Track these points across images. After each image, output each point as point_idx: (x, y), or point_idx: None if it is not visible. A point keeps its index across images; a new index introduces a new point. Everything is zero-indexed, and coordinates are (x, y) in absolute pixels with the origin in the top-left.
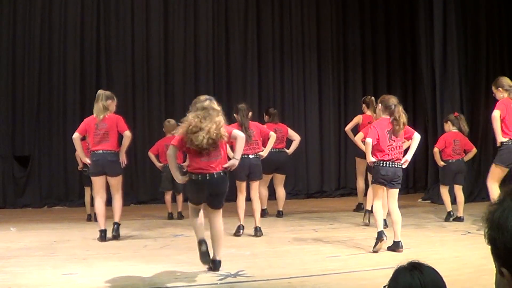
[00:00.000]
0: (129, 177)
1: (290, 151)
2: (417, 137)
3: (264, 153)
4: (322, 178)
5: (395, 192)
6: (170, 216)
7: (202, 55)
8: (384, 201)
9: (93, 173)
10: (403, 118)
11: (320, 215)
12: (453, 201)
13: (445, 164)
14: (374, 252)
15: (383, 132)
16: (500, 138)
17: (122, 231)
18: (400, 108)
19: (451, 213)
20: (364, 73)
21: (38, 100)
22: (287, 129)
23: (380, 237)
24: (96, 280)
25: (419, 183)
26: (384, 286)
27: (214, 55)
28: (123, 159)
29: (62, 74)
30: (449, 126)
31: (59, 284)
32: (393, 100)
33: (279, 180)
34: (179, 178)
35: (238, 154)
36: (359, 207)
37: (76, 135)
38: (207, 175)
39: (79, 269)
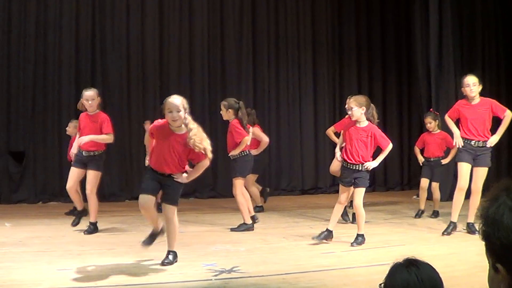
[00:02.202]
0: (124, 173)
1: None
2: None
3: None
4: (317, 174)
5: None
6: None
7: (197, 52)
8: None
9: None
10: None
11: (315, 212)
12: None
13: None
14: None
15: None
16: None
17: (117, 227)
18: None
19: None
20: (359, 69)
21: (33, 95)
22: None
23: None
24: (91, 275)
25: (414, 180)
26: (380, 284)
27: (209, 52)
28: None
29: (57, 70)
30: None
31: (54, 280)
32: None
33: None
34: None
35: None
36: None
37: None
38: None
39: (74, 264)
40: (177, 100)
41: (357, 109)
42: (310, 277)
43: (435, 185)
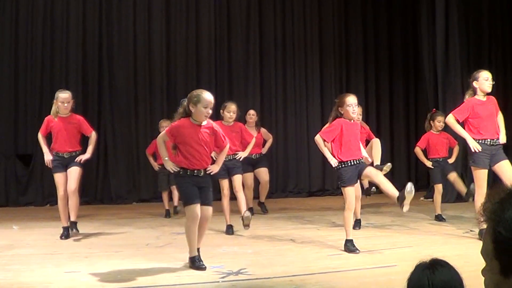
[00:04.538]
0: (131, 175)
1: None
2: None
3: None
4: (324, 176)
5: None
6: (167, 213)
7: (204, 53)
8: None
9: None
10: None
11: (322, 213)
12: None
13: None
14: None
15: None
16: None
17: (124, 229)
18: None
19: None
20: (366, 71)
21: (40, 98)
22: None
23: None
24: (98, 278)
25: (421, 182)
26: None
27: (216, 53)
28: None
29: (64, 73)
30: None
31: (62, 282)
32: None
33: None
34: None
35: None
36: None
37: None
38: None
39: (81, 267)
40: (211, 97)
41: None
42: (317, 279)
43: (454, 176)
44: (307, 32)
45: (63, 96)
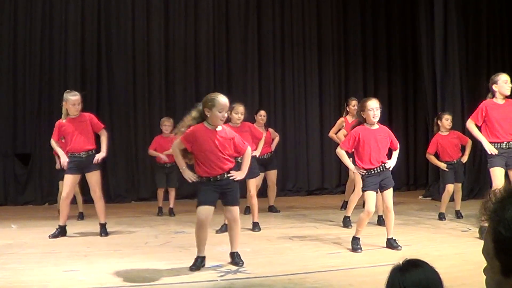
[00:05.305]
0: (130, 174)
1: None
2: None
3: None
4: (323, 175)
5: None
6: (160, 211)
7: (202, 53)
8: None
9: None
10: None
11: (321, 212)
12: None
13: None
14: None
15: None
16: None
17: (123, 228)
18: None
19: None
20: (365, 70)
21: (39, 97)
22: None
23: None
24: (97, 277)
25: (420, 181)
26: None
27: (214, 53)
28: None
29: (63, 73)
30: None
31: (61, 281)
32: None
33: None
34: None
35: None
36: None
37: None
38: None
39: (80, 266)
40: (227, 101)
41: None
42: (316, 278)
43: (459, 186)
44: (306, 32)
45: (73, 98)
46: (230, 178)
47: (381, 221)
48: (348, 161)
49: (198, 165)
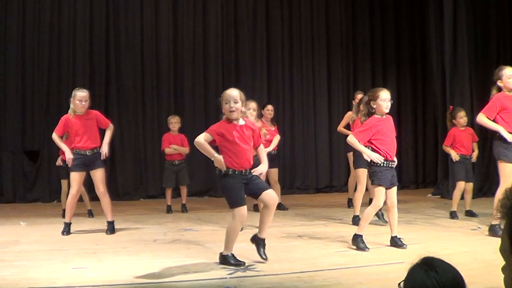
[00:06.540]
0: (138, 172)
1: None
2: None
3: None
4: (331, 172)
5: None
6: (169, 209)
7: (211, 52)
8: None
9: None
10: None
11: (329, 210)
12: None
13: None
14: None
15: None
16: None
17: (132, 225)
18: None
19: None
20: (374, 66)
21: (47, 95)
22: None
23: None
24: (105, 274)
25: (429, 178)
26: (399, 283)
27: (223, 49)
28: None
29: (71, 71)
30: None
31: (69, 278)
32: None
33: None
34: None
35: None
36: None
37: None
38: None
39: (88, 263)
40: (234, 92)
41: None
42: (325, 276)
43: (471, 186)
44: (314, 28)
45: (81, 95)
46: (254, 174)
47: (378, 214)
48: (362, 147)
49: (227, 157)
